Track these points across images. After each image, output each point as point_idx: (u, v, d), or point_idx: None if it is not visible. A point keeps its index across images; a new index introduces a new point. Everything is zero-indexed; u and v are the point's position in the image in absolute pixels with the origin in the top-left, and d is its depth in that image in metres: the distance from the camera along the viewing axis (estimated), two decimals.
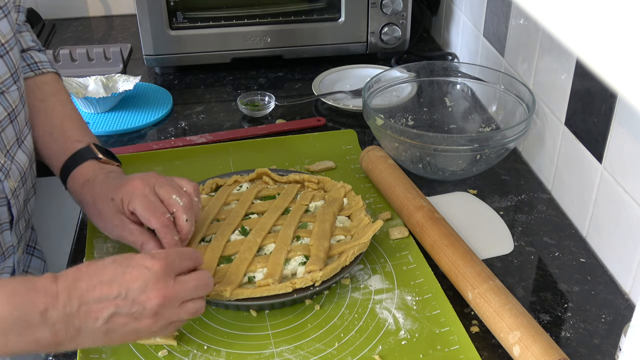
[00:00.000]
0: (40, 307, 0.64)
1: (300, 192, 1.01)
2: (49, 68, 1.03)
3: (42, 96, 0.99)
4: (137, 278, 0.67)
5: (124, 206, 0.83)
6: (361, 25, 1.46)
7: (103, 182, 0.87)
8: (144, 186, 0.83)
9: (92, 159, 0.92)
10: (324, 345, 0.79)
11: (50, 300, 0.64)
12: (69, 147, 0.93)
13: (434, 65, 1.24)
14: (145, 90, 1.39)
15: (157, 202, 0.82)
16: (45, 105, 0.98)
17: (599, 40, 0.28)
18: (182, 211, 0.82)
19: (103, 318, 0.66)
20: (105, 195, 0.85)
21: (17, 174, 0.88)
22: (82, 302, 0.65)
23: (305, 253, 0.87)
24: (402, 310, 0.84)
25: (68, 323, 0.65)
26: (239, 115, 1.32)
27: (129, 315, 0.67)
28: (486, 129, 1.20)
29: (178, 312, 0.70)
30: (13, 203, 0.87)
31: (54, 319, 0.64)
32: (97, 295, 0.66)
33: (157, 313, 0.68)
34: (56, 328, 0.64)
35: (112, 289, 0.66)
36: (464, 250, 0.88)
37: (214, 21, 1.42)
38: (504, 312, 0.78)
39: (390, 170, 1.04)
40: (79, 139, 0.95)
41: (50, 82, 1.01)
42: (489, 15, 1.29)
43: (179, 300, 0.70)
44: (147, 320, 0.68)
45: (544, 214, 1.04)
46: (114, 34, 1.72)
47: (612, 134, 0.89)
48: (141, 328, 0.68)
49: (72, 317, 0.65)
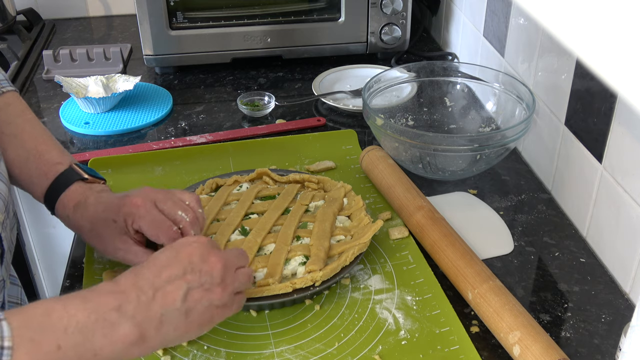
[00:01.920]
0: (114, 304, 0.63)
1: (300, 192, 1.01)
2: (7, 87, 0.94)
3: (8, 118, 0.92)
4: (193, 252, 0.69)
5: (128, 226, 0.81)
6: (361, 25, 1.46)
7: (97, 204, 0.84)
8: (145, 203, 0.81)
9: (78, 181, 0.87)
10: (324, 345, 0.79)
11: (120, 296, 0.64)
12: (49, 170, 0.88)
13: (434, 65, 1.24)
14: (145, 90, 1.39)
15: (161, 217, 0.81)
16: (13, 128, 0.91)
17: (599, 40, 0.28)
18: (189, 226, 0.81)
19: (180, 296, 0.66)
20: (105, 218, 0.82)
21: (1, 205, 0.80)
22: (155, 288, 0.66)
23: (305, 253, 0.87)
24: (402, 310, 0.84)
25: (148, 312, 0.64)
26: (239, 115, 1.32)
27: (200, 287, 0.68)
28: (486, 129, 1.20)
29: (237, 277, 0.72)
30: (4, 236, 0.81)
31: (131, 312, 0.64)
32: (166, 277, 0.67)
33: (222, 279, 0.70)
34: (137, 320, 0.64)
35: (176, 269, 0.68)
36: (464, 250, 0.88)
37: (214, 21, 1.42)
38: (504, 312, 0.78)
39: (390, 170, 1.04)
40: (58, 160, 0.89)
41: (13, 102, 0.93)
42: (489, 15, 1.29)
43: (233, 265, 0.72)
44: (217, 289, 0.69)
45: (544, 214, 1.04)
46: (114, 34, 1.72)
47: (612, 134, 0.89)
48: (214, 300, 0.69)
49: (149, 305, 0.65)
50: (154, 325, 0.65)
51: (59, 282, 0.99)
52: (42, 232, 1.35)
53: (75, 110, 1.31)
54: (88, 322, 0.61)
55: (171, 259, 0.69)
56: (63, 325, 0.60)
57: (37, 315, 0.60)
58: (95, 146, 1.22)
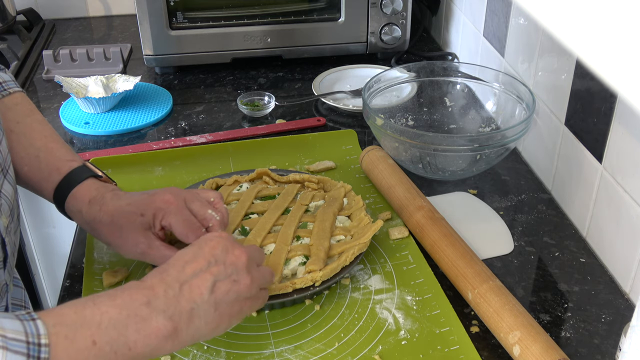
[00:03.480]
0: (143, 300, 0.64)
1: (300, 192, 1.01)
2: (14, 87, 0.94)
3: (17, 118, 0.92)
4: (216, 245, 0.70)
5: (155, 221, 0.80)
6: (361, 25, 1.46)
7: (117, 198, 0.83)
8: (178, 201, 0.81)
9: (91, 177, 0.87)
10: (324, 345, 0.79)
11: (148, 292, 0.64)
12: (62, 166, 0.87)
13: (434, 65, 1.24)
14: (145, 90, 1.39)
15: (192, 218, 0.81)
16: (22, 127, 0.91)
17: (599, 40, 0.28)
18: (217, 225, 0.82)
19: (207, 288, 0.67)
20: (130, 212, 0.81)
21: (6, 208, 0.80)
22: (181, 283, 0.66)
23: (305, 253, 0.87)
24: (402, 310, 0.84)
25: (177, 305, 0.65)
26: (239, 115, 1.32)
27: (227, 279, 0.68)
28: (486, 129, 1.20)
29: (261, 271, 0.73)
30: (8, 241, 0.80)
31: (161, 306, 0.64)
32: (191, 271, 0.67)
33: (248, 269, 0.70)
34: (168, 314, 0.64)
35: (201, 263, 0.68)
36: (464, 250, 0.88)
37: (214, 21, 1.42)
38: (504, 312, 0.78)
39: (390, 170, 1.04)
40: (70, 158, 0.89)
41: (21, 102, 0.93)
42: (489, 15, 1.29)
43: (255, 260, 0.72)
44: (244, 280, 0.69)
45: (544, 214, 1.04)
46: (114, 34, 1.72)
47: (612, 134, 0.89)
48: (242, 291, 0.69)
49: (178, 299, 0.65)
50: (185, 319, 0.65)
51: (59, 282, 0.99)
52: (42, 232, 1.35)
53: (75, 110, 1.31)
54: (120, 318, 0.62)
55: (195, 254, 0.69)
56: (96, 322, 0.60)
57: (70, 314, 0.60)
58: (95, 146, 1.22)
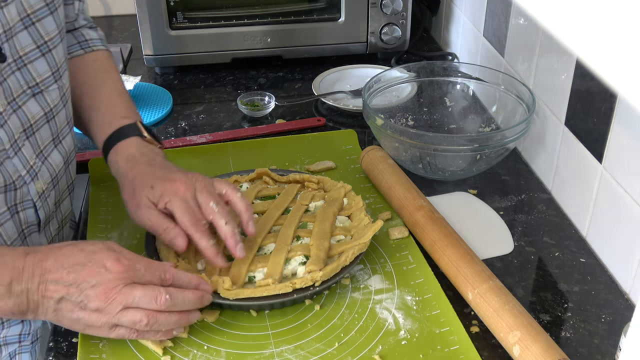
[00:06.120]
0: (6, 280, 0.71)
1: (300, 192, 1.01)
2: (99, 46, 1.03)
3: (93, 72, 0.99)
4: (93, 275, 0.73)
5: (160, 200, 0.84)
6: (361, 25, 1.46)
7: (147, 165, 0.88)
8: (187, 190, 0.84)
9: (136, 136, 0.92)
10: (324, 345, 0.79)
11: (15, 274, 0.71)
12: (114, 121, 0.94)
13: (434, 65, 1.24)
14: (145, 90, 1.39)
15: (195, 209, 0.83)
16: (94, 81, 0.98)
17: (599, 40, 0.28)
18: (218, 217, 0.83)
19: (54, 299, 0.72)
20: (146, 181, 0.86)
21: (47, 176, 0.88)
22: (41, 281, 0.72)
23: (305, 253, 0.87)
24: (402, 310, 0.84)
25: (28, 297, 0.72)
26: (239, 115, 1.32)
27: (75, 303, 0.72)
28: (486, 129, 1.20)
29: (117, 316, 0.73)
30: (40, 205, 0.87)
31: (17, 291, 0.71)
32: (55, 277, 0.72)
33: (98, 309, 0.72)
34: (19, 300, 0.71)
35: (69, 276, 0.72)
36: (464, 250, 0.88)
37: (214, 21, 1.42)
38: (504, 312, 0.78)
39: (390, 170, 1.04)
40: (126, 115, 0.95)
41: (101, 59, 1.02)
42: (489, 15, 1.29)
43: (120, 304, 0.73)
44: (90, 313, 0.73)
45: (544, 214, 1.04)
46: (114, 34, 1.72)
47: (612, 134, 0.89)
48: (85, 318, 0.73)
49: (31, 292, 0.72)
50: (31, 308, 0.72)
51: None
52: None
53: None
54: None
55: (74, 265, 0.73)
56: None
57: None
58: (95, 146, 1.22)
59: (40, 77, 0.85)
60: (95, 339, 0.79)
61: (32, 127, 0.85)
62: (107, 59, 1.03)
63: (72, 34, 1.01)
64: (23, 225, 0.86)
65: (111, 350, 0.78)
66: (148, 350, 0.78)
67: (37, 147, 0.86)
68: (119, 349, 0.78)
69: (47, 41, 0.85)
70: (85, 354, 0.78)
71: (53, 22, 0.86)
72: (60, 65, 0.89)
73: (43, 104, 0.86)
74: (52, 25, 0.86)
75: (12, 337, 0.90)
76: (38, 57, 0.85)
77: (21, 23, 0.82)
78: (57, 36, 0.88)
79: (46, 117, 0.87)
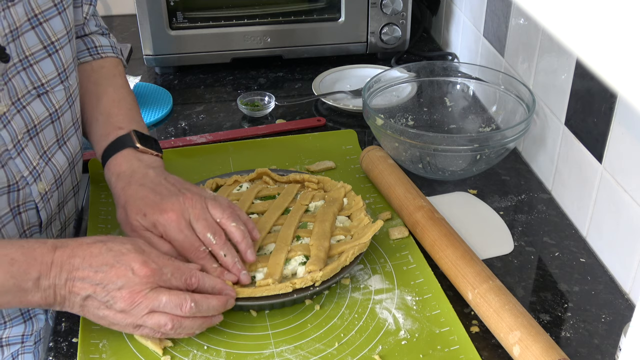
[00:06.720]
0: (35, 275, 0.72)
1: (300, 192, 1.01)
2: (109, 53, 1.02)
3: (98, 79, 0.98)
4: (120, 276, 0.73)
5: (154, 229, 0.82)
6: (361, 25, 1.46)
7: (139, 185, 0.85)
8: (180, 221, 0.81)
9: (129, 147, 0.90)
10: (324, 345, 0.79)
11: (44, 269, 0.72)
12: (110, 133, 0.92)
13: (434, 65, 1.24)
14: (145, 90, 1.39)
15: (192, 237, 0.81)
16: (97, 89, 0.97)
17: (599, 40, 0.28)
18: (217, 249, 0.81)
19: (81, 296, 0.73)
20: (138, 207, 0.83)
21: (50, 177, 0.87)
22: (68, 278, 0.73)
23: (306, 253, 0.87)
24: (402, 310, 0.84)
25: (56, 292, 0.73)
26: (239, 115, 1.32)
27: (101, 302, 0.73)
28: (486, 129, 1.20)
29: (143, 319, 0.74)
30: (42, 207, 0.86)
31: (45, 286, 0.72)
32: (83, 275, 0.73)
33: (123, 311, 0.73)
34: (46, 294, 0.72)
35: (96, 276, 0.73)
36: (464, 250, 0.88)
37: (214, 21, 1.42)
38: (504, 312, 0.78)
39: (390, 170, 1.04)
40: (121, 125, 0.93)
41: (107, 66, 1.00)
42: (489, 15, 1.29)
43: (146, 308, 0.73)
44: (115, 313, 0.73)
45: (544, 214, 1.04)
46: (114, 34, 1.72)
47: (612, 134, 0.89)
48: (110, 317, 0.74)
49: (59, 287, 0.73)
50: (58, 302, 0.74)
51: None
52: None
53: None
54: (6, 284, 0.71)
55: (102, 265, 0.73)
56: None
57: None
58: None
59: (45, 77, 0.85)
60: (95, 338, 0.79)
61: (36, 127, 0.85)
62: (114, 65, 1.01)
63: (83, 40, 1.00)
64: (25, 226, 0.86)
65: (111, 350, 0.78)
66: (148, 350, 0.78)
67: (41, 148, 0.86)
68: (119, 349, 0.78)
69: (54, 42, 0.85)
70: (85, 353, 0.78)
71: (61, 22, 0.86)
72: (67, 66, 0.88)
73: (48, 105, 0.86)
74: (59, 26, 0.86)
75: (14, 338, 0.90)
76: (44, 58, 0.84)
77: (28, 23, 0.82)
78: (65, 37, 0.87)
79: (51, 117, 0.86)
